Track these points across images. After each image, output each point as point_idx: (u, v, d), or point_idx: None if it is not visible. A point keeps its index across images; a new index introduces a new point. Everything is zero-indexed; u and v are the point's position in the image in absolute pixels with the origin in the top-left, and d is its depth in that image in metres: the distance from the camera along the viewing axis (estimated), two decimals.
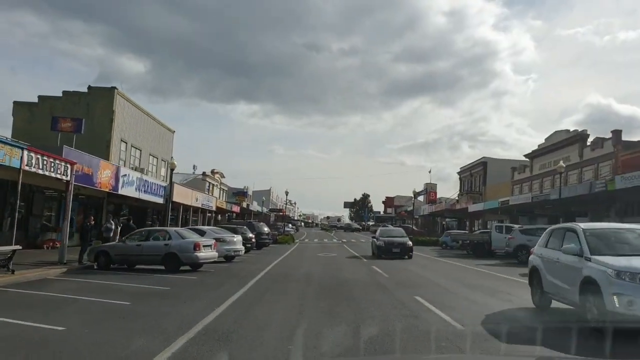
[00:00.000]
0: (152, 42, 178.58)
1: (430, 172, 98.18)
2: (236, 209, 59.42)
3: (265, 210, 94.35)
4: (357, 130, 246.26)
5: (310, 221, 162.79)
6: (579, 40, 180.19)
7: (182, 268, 17.97)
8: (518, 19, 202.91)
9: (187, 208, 40.31)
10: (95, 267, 18.07)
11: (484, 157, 63.43)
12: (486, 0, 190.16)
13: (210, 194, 65.39)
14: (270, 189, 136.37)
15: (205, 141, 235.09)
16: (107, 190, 25.61)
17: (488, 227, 57.45)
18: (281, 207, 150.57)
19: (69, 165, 18.14)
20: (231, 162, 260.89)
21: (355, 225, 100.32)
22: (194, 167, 65.58)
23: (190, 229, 23.32)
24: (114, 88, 34.67)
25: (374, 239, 29.48)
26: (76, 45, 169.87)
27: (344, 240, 54.95)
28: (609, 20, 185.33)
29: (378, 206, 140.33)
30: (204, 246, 18.02)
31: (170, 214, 30.11)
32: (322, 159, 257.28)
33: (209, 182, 64.34)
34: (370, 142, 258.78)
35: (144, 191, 29.93)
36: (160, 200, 33.33)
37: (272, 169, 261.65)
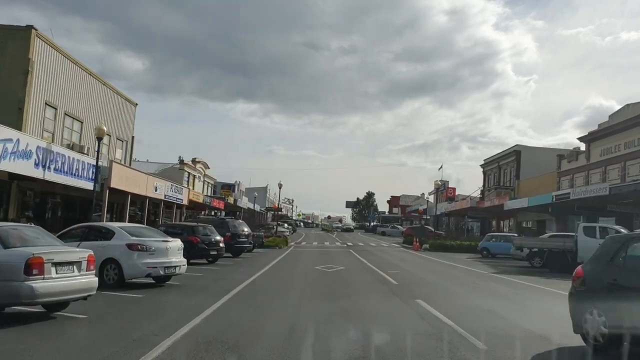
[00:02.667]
0: (151, 40, 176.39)
1: (441, 168, 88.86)
2: (220, 204, 49.43)
3: (260, 208, 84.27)
4: (357, 130, 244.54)
5: (310, 221, 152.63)
6: (581, 41, 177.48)
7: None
8: (519, 19, 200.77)
9: (139, 199, 30.22)
10: None
11: (517, 144, 53.27)
12: (487, 0, 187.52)
13: (191, 187, 55.34)
14: (267, 186, 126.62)
15: (204, 140, 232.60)
16: None
17: (520, 226, 47.77)
18: (278, 205, 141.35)
19: None
20: (230, 161, 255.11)
21: (353, 225, 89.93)
22: (180, 158, 55.69)
23: (83, 227, 13.41)
24: (30, 28, 24.51)
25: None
26: (75, 42, 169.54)
27: (349, 244, 44.78)
28: (611, 20, 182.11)
29: (382, 206, 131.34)
30: (54, 264, 7.89)
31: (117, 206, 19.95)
32: (322, 159, 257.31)
33: (189, 173, 54.25)
34: (370, 143, 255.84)
35: (55, 169, 19.83)
36: (92, 186, 23.24)
37: (272, 168, 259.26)
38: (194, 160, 56.61)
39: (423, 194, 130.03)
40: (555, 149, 51.06)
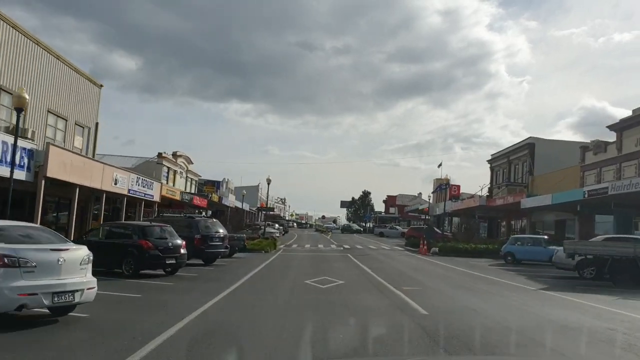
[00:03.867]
0: (144, 39, 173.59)
1: (440, 166, 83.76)
2: (202, 202, 44.24)
3: (249, 207, 79.14)
4: (351, 130, 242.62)
5: (303, 221, 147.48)
6: (574, 42, 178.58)
7: None
8: (513, 20, 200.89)
9: (94, 194, 25.06)
10: None
11: (530, 137, 48.37)
12: (481, 0, 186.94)
13: (171, 182, 50.11)
14: (258, 185, 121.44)
15: (198, 140, 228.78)
16: None
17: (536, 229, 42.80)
18: (266, 204, 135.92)
19: None
20: (225, 161, 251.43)
21: (356, 227, 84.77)
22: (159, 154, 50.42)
23: None
24: None
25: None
26: (67, 41, 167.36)
27: (346, 247, 39.71)
28: (604, 21, 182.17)
29: (378, 206, 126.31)
30: None
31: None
32: (316, 160, 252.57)
33: (168, 168, 48.98)
34: (364, 143, 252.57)
35: None
36: (25, 176, 18.12)
37: (266, 168, 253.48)
38: (174, 154, 51.28)
39: (420, 193, 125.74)
40: (574, 142, 46.27)
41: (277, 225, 60.76)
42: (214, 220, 22.11)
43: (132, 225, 16.19)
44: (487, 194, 54.39)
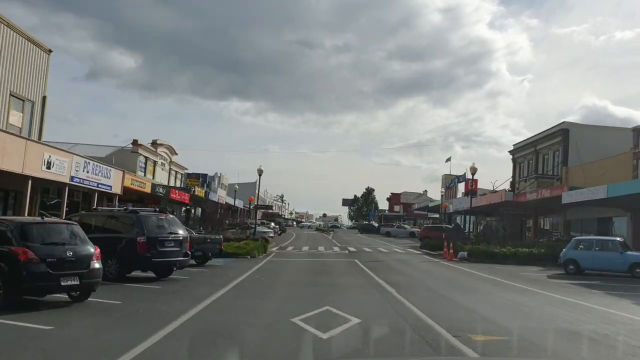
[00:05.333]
0: (143, 37, 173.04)
1: (449, 160, 77.96)
2: (183, 197, 37.83)
3: (244, 205, 72.59)
4: (351, 129, 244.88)
5: (303, 220, 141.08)
6: (575, 40, 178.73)
7: None
8: (514, 18, 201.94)
9: (16, 181, 18.58)
10: None
11: (563, 121, 41.88)
12: None
13: (150, 175, 43.68)
14: (256, 182, 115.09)
15: (198, 138, 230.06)
16: None
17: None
18: (270, 204, 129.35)
19: None
20: (227, 160, 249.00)
21: (374, 223, 76.33)
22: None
23: None
24: None
25: None
26: (67, 39, 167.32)
27: (351, 250, 33.27)
28: (605, 19, 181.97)
29: (381, 204, 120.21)
30: None
31: None
32: (316, 159, 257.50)
33: (146, 158, 42.53)
34: (365, 142, 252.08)
35: None
36: None
37: (266, 167, 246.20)
38: (154, 143, 44.85)
39: (425, 190, 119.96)
40: (618, 128, 39.95)
41: (272, 224, 54.34)
42: (171, 217, 15.63)
43: (5, 222, 9.74)
44: (509, 188, 47.94)
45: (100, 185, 23.89)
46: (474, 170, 32.76)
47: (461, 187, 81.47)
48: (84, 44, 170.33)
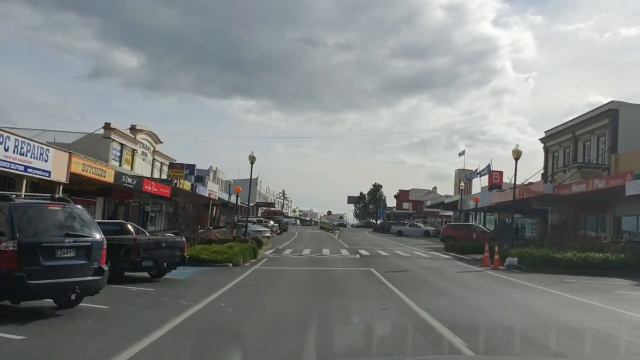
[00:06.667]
0: (146, 36, 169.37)
1: (463, 154, 71.52)
2: (162, 190, 31.68)
3: (240, 201, 66.35)
4: (355, 128, 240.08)
5: (307, 218, 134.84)
6: (580, 37, 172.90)
7: None
8: (519, 15, 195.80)
9: None
10: None
11: (612, 101, 35.59)
12: None
13: (127, 166, 37.62)
14: (257, 178, 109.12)
15: (202, 137, 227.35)
16: None
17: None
18: (272, 201, 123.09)
19: None
20: (227, 159, 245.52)
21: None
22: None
23: None
24: None
25: None
26: (69, 38, 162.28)
27: (363, 253, 27.16)
28: (610, 15, 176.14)
29: (389, 202, 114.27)
30: None
31: None
32: (320, 157, 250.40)
33: (122, 145, 36.46)
34: (369, 141, 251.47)
35: None
36: None
37: (269, 166, 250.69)
38: (133, 128, 38.80)
39: (435, 187, 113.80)
40: None
41: (271, 222, 48.18)
42: (77, 209, 9.42)
43: None
44: (542, 180, 41.57)
45: (30, 170, 17.79)
46: (519, 157, 26.31)
47: (476, 182, 74.99)
48: (86, 43, 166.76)
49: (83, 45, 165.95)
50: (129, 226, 15.40)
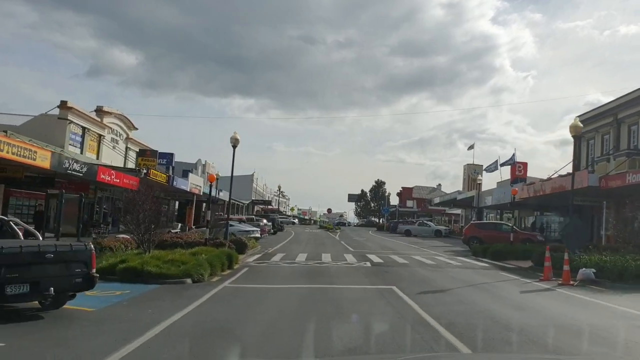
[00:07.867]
0: (144, 34, 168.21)
1: (472, 148, 65.83)
2: (125, 179, 25.86)
3: (230, 198, 60.55)
4: (355, 126, 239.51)
5: (306, 217, 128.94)
6: (579, 35, 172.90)
7: None
8: (518, 12, 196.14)
9: None
10: None
11: None
12: None
13: (92, 154, 31.81)
14: (252, 174, 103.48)
15: (202, 136, 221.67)
16: None
17: None
18: (269, 199, 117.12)
19: None
20: (228, 158, 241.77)
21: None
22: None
23: None
24: None
25: None
26: (67, 36, 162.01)
27: (374, 260, 21.46)
28: (610, 12, 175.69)
29: (391, 199, 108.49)
30: None
31: None
32: (320, 156, 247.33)
33: (85, 129, 30.64)
34: (369, 139, 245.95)
35: None
36: None
37: (268, 164, 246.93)
38: (99, 110, 32.95)
39: (440, 184, 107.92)
40: None
41: (264, 221, 42.33)
42: None
43: None
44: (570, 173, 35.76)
45: None
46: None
47: (487, 178, 69.16)
48: (84, 41, 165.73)
49: (81, 44, 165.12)
50: (14, 226, 9.59)
